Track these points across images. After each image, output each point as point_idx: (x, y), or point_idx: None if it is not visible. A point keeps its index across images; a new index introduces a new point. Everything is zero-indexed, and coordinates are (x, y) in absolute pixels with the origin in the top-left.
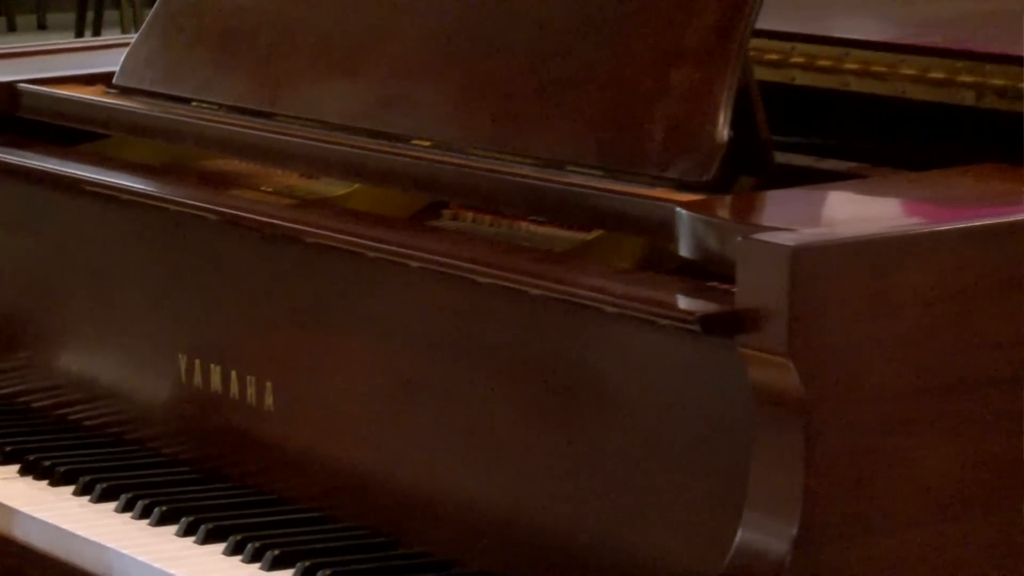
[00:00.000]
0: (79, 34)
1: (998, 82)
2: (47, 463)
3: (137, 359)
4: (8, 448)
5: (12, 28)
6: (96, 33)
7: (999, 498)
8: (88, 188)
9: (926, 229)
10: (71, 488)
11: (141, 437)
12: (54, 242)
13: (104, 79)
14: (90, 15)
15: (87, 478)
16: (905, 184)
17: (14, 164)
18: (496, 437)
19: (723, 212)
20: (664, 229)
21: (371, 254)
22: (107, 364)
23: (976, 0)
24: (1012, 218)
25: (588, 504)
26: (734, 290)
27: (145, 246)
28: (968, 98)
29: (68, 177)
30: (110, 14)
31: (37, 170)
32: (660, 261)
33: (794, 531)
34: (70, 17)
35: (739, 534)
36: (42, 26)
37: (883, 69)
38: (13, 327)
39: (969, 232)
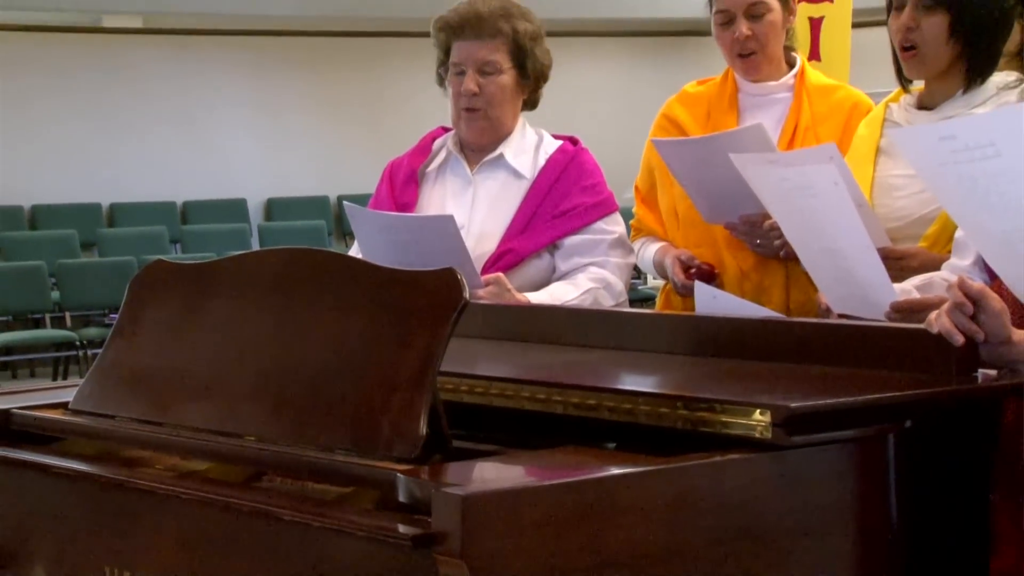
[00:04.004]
0: (55, 379)
1: (574, 400)
2: None
3: (79, 570)
4: None
5: (15, 376)
6: (64, 378)
7: None
8: (53, 470)
9: (538, 483)
10: None
11: None
12: (33, 499)
13: (64, 405)
14: (61, 368)
15: None
16: (526, 458)
17: (8, 457)
18: None
19: (424, 475)
20: (391, 486)
21: (221, 503)
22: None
23: (562, 354)
24: (585, 477)
25: None
26: (431, 520)
27: (88, 503)
28: (558, 409)
29: (40, 463)
30: (72, 367)
31: (22, 460)
32: (389, 504)
33: None
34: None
35: None
36: (32, 375)
37: (511, 392)
38: (3, 543)
39: (564, 485)
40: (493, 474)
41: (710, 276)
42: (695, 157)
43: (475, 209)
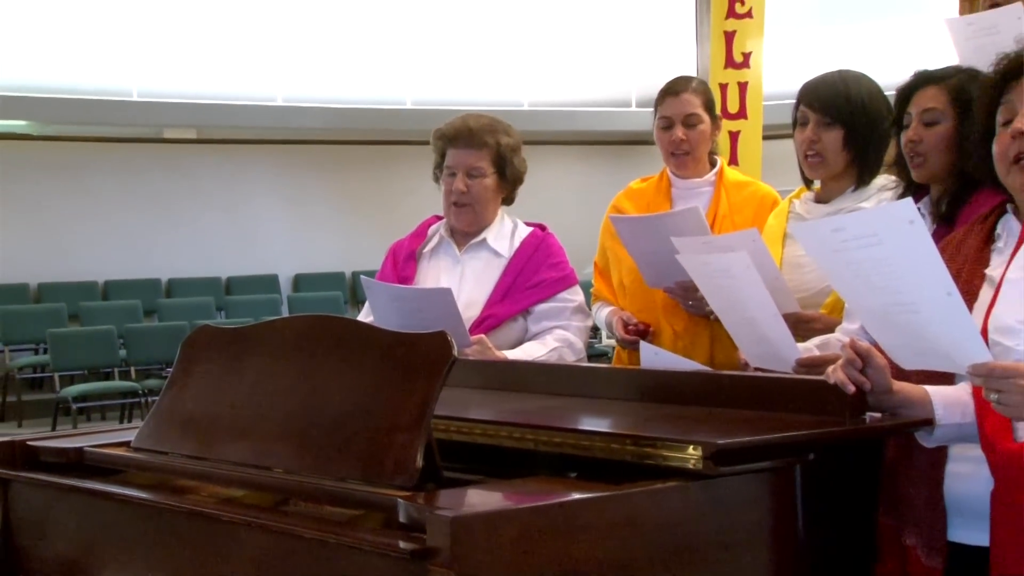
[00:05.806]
0: (121, 422)
1: (543, 438)
2: None
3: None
4: None
5: (88, 420)
6: (129, 421)
7: None
8: (117, 497)
9: (514, 507)
10: None
11: None
12: (101, 522)
13: (127, 444)
14: (126, 413)
15: None
16: (504, 486)
17: (80, 487)
18: None
19: (420, 501)
20: (393, 509)
21: (254, 524)
22: None
23: (534, 400)
24: (552, 501)
25: None
26: (426, 538)
27: (145, 525)
28: (530, 445)
29: (107, 492)
30: (136, 412)
31: (92, 489)
32: (392, 525)
33: None
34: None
35: None
36: (103, 419)
37: (492, 432)
38: (77, 558)
39: (535, 508)
40: (477, 499)
41: (644, 332)
42: (643, 232)
43: (463, 282)
